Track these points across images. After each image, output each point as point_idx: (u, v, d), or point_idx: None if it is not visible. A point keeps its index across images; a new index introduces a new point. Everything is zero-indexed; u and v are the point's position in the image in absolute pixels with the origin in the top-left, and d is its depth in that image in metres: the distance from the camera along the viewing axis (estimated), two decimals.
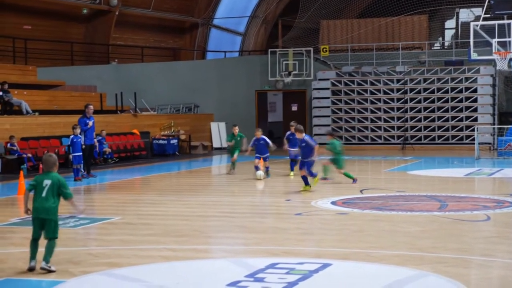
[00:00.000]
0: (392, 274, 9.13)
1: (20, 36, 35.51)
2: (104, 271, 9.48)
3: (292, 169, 22.31)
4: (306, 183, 17.84)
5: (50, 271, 9.18)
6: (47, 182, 9.44)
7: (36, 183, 9.48)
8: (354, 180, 19.68)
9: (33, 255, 9.33)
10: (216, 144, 36.74)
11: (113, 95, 34.49)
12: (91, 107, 22.89)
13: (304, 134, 18.16)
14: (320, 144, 20.92)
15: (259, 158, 21.98)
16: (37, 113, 27.64)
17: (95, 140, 23.65)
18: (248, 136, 22.52)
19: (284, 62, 36.62)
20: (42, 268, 9.18)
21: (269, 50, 37.75)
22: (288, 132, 22.41)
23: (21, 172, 19.56)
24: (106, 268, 9.64)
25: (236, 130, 23.81)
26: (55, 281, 8.91)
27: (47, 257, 9.27)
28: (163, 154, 32.18)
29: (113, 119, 30.87)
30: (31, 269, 9.25)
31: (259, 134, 22.26)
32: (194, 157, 32.24)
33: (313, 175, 17.95)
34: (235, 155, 23.42)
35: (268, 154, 22.04)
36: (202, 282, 8.75)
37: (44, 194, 9.41)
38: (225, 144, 36.84)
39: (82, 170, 22.06)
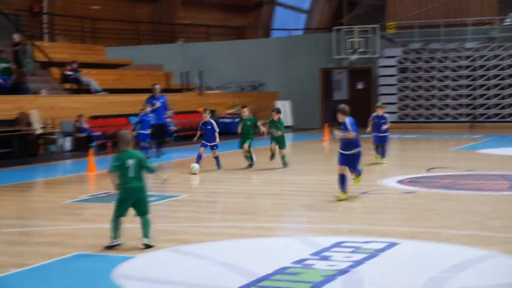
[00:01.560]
0: (460, 254, 9.02)
1: (89, 16, 35.89)
2: (172, 248, 9.58)
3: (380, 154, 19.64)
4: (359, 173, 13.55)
5: (150, 247, 9.40)
6: (130, 161, 9.47)
7: (119, 163, 9.49)
8: (285, 165, 18.80)
9: (119, 233, 9.53)
10: None
11: (179, 74, 34.71)
12: (157, 86, 23.06)
13: (346, 117, 13.15)
14: (266, 123, 19.78)
15: (205, 146, 18.73)
16: (106, 92, 27.95)
17: (168, 119, 23.58)
18: (304, 116, 21.95)
19: (349, 40, 36.31)
20: (144, 244, 9.41)
21: (334, 27, 37.44)
22: (373, 114, 19.96)
23: (91, 150, 19.85)
24: (173, 245, 9.73)
25: (246, 112, 19.70)
26: (125, 256, 9.03)
27: (148, 233, 9.51)
28: (228, 132, 32.24)
29: (179, 98, 31.04)
30: (114, 246, 9.44)
31: (207, 117, 18.82)
32: (259, 136, 32.18)
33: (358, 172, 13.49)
34: (246, 145, 19.05)
35: (216, 142, 18.73)
36: (267, 260, 8.76)
37: (131, 174, 9.47)
38: (289, 122, 36.79)
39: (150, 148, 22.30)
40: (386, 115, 19.64)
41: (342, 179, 13.02)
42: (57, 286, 7.92)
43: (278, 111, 19.81)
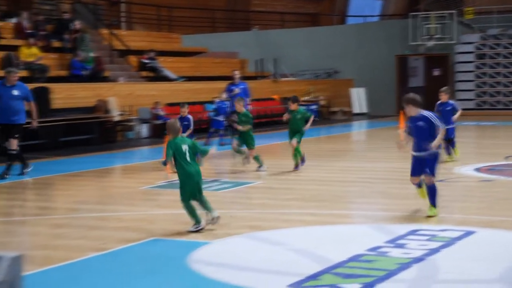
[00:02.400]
0: None
1: (165, 5, 36.22)
2: (247, 234, 9.63)
3: (448, 152, 16.60)
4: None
5: (219, 217, 9.72)
6: (185, 147, 9.66)
7: (175, 149, 9.65)
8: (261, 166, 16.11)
9: (198, 217, 9.70)
10: (355, 109, 36.49)
11: (254, 61, 34.80)
12: (236, 73, 23.15)
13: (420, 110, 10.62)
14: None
15: None
16: (183, 79, 28.20)
17: (249, 107, 23.40)
18: (379, 103, 21.59)
19: (426, 26, 35.87)
20: (214, 218, 9.69)
21: (411, 13, 37.02)
22: (439, 102, 16.77)
23: (167, 137, 20.03)
24: (248, 231, 9.79)
25: (294, 104, 16.45)
26: (200, 242, 9.11)
27: (211, 208, 9.80)
28: None
29: (254, 85, 31.07)
30: (198, 230, 9.64)
31: (185, 112, 17.14)
32: (334, 123, 32.17)
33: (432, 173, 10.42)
34: (294, 141, 16.20)
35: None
36: (341, 247, 8.74)
37: (188, 159, 9.63)
38: (364, 109, 36.58)
39: (223, 136, 22.40)
40: (452, 101, 16.98)
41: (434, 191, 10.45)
42: (134, 270, 8.04)
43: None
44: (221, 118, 22.27)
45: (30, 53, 23.58)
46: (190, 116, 17.23)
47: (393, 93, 36.84)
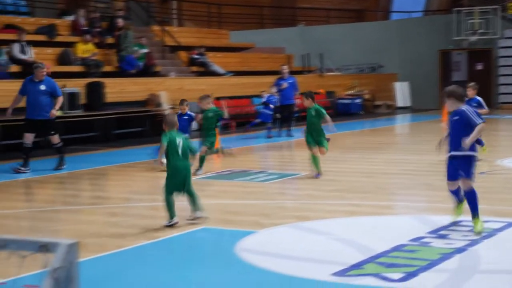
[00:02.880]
0: None
1: (215, 2, 36.32)
2: (292, 224, 9.65)
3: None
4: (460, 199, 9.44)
5: (202, 218, 9.62)
6: (179, 140, 9.57)
7: (169, 141, 9.52)
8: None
9: (174, 211, 9.54)
10: (399, 103, 36.27)
11: (300, 56, 34.76)
12: (285, 67, 23.18)
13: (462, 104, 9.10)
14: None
15: None
16: (231, 74, 28.29)
17: (297, 100, 23.25)
18: (423, 97, 21.29)
19: (469, 21, 35.48)
20: (195, 218, 9.64)
21: (454, 9, 36.66)
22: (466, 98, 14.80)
23: (216, 129, 20.10)
24: (294, 221, 9.80)
25: (308, 100, 14.28)
26: (247, 231, 9.15)
27: (200, 207, 9.70)
28: (347, 113, 32.16)
29: (300, 80, 30.98)
30: (172, 225, 9.49)
31: (185, 108, 15.52)
32: (378, 116, 32.02)
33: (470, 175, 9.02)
34: (323, 149, 13.94)
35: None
36: (385, 236, 8.73)
37: (180, 152, 9.51)
38: (408, 103, 36.31)
39: (271, 129, 22.42)
40: (478, 97, 15.58)
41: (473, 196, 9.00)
42: (184, 258, 8.11)
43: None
44: (269, 111, 22.28)
45: (85, 49, 23.84)
46: (191, 113, 15.86)
47: (436, 87, 36.51)
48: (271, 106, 22.76)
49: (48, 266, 2.99)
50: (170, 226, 9.43)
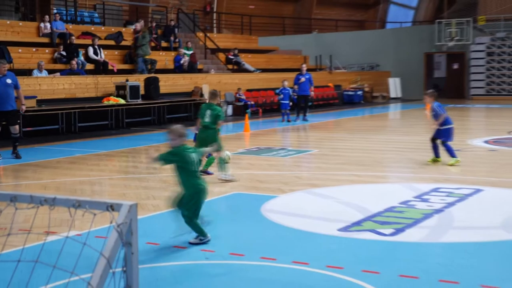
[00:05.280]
0: None
1: (246, 13, 36.21)
2: (305, 190, 9.65)
3: (436, 155, 12.17)
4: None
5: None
6: (194, 156, 6.57)
7: (178, 159, 6.57)
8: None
9: (204, 231, 6.71)
10: (392, 94, 36.03)
11: (314, 57, 34.60)
12: (304, 66, 23.20)
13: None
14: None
15: None
16: (259, 71, 28.23)
17: (312, 92, 23.03)
18: (411, 89, 20.59)
19: (448, 30, 35.10)
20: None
21: (436, 20, 36.28)
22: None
23: (246, 115, 20.13)
24: (307, 188, 9.81)
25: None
26: (271, 195, 9.17)
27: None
28: (351, 102, 31.99)
29: (314, 75, 30.83)
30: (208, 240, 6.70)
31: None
32: (375, 105, 31.82)
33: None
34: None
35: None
36: (380, 200, 8.71)
37: (196, 168, 6.64)
38: (399, 94, 36.04)
39: (290, 114, 22.38)
40: (435, 104, 11.96)
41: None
42: (221, 217, 8.14)
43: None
44: (286, 101, 22.21)
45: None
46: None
47: (422, 82, 36.25)
48: (282, 97, 22.52)
49: (114, 222, 3.01)
50: (202, 243, 6.65)
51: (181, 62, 24.82)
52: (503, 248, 6.51)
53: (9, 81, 13.19)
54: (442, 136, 11.88)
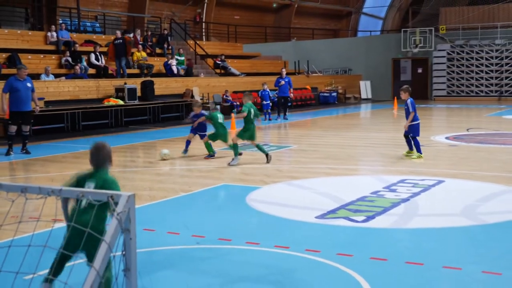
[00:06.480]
0: (489, 189, 8.76)
1: (232, 23, 36.14)
2: (286, 182, 9.65)
3: (410, 148, 12.02)
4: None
5: None
6: (90, 184, 4.72)
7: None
8: (211, 155, 12.45)
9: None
10: (363, 95, 36.13)
11: (293, 62, 34.60)
12: (283, 70, 23.15)
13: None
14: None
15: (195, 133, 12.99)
16: (243, 75, 28.17)
17: (291, 94, 22.98)
18: (380, 91, 21.03)
19: (412, 38, 35.22)
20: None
21: (402, 29, 36.40)
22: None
23: (232, 114, 20.09)
24: (287, 180, 9.80)
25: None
26: (254, 187, 9.15)
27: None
28: (326, 102, 32.03)
29: (293, 79, 30.77)
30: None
31: (198, 110, 13.18)
32: (348, 105, 31.90)
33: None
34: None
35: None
36: (353, 190, 8.73)
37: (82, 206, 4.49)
38: (370, 95, 36.12)
39: (270, 114, 22.37)
40: (409, 100, 11.82)
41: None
42: (209, 206, 8.12)
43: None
44: (266, 101, 22.25)
45: (140, 56, 23.74)
46: (204, 112, 13.44)
47: (390, 85, 36.39)
48: (267, 97, 22.73)
49: (114, 210, 2.99)
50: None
51: (171, 66, 24.65)
52: (463, 233, 6.55)
53: (29, 84, 13.17)
54: (412, 132, 11.92)
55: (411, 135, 11.95)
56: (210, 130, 12.88)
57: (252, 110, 11.59)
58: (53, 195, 3.21)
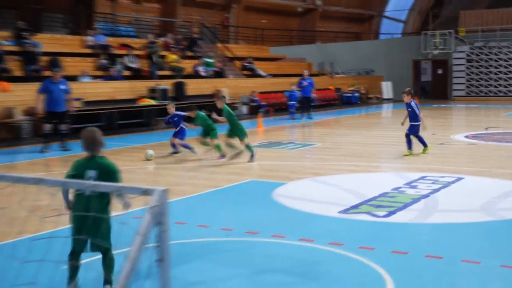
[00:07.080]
0: (508, 186, 8.64)
1: (259, 27, 36.13)
2: (310, 178, 9.63)
3: (409, 147, 12.04)
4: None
5: None
6: (91, 172, 4.65)
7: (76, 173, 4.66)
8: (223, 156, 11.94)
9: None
10: (385, 96, 35.84)
11: (317, 64, 34.48)
12: (305, 72, 23.09)
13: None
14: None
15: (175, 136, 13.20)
16: (270, 76, 28.17)
17: (313, 94, 22.91)
18: (401, 92, 20.72)
19: (433, 40, 34.82)
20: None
21: (423, 32, 36.00)
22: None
23: (259, 114, 20.08)
24: (312, 176, 9.78)
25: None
26: (280, 182, 9.15)
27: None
28: (349, 102, 31.85)
29: (317, 80, 30.76)
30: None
31: (172, 109, 13.14)
32: (370, 105, 31.68)
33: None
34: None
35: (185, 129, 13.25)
36: (375, 187, 8.68)
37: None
38: (391, 95, 35.85)
39: (296, 113, 22.33)
40: (413, 102, 12.19)
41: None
42: (237, 201, 8.12)
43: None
44: (293, 101, 22.15)
45: (172, 59, 23.86)
46: (178, 112, 13.31)
47: (410, 85, 35.98)
48: (292, 100, 22.67)
49: (148, 204, 3.02)
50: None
51: (199, 68, 24.68)
52: (482, 228, 6.47)
53: (63, 86, 13.28)
54: (413, 131, 12.10)
55: (416, 134, 12.07)
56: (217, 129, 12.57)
57: (230, 109, 11.77)
58: (92, 189, 3.23)
